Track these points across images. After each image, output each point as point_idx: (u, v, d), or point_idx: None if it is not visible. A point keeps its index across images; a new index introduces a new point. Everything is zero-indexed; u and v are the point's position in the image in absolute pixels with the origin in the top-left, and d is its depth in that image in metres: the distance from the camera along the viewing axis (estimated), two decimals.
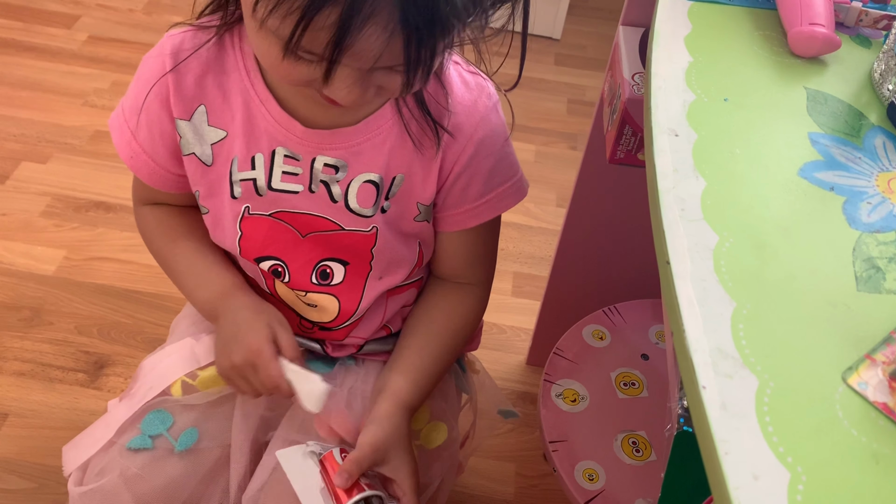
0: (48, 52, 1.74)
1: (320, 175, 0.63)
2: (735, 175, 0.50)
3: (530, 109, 1.82)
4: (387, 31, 0.46)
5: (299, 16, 0.46)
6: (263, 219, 0.65)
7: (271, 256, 0.67)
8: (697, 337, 0.40)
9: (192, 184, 0.67)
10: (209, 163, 0.65)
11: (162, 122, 0.64)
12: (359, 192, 0.64)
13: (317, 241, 0.66)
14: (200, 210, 0.69)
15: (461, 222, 0.69)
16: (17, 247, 1.33)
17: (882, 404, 0.38)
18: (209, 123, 0.63)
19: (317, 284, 0.68)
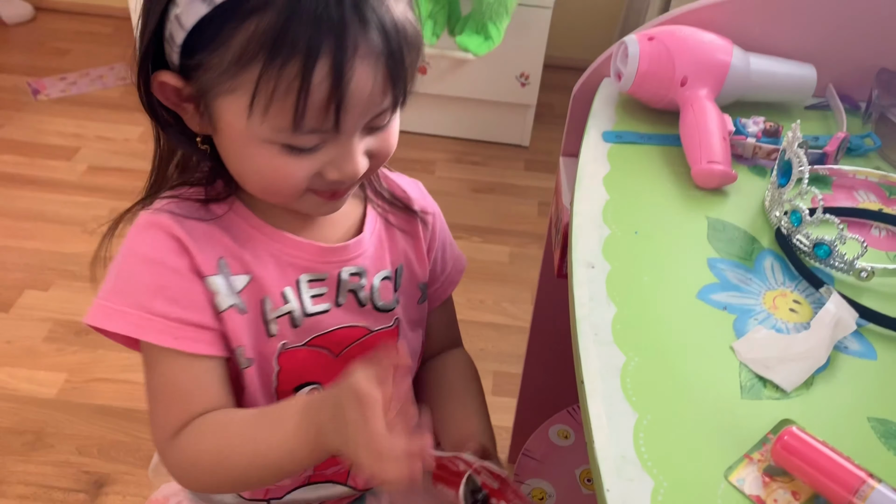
0: (50, 184, 1.86)
1: (348, 285, 0.68)
2: (642, 301, 0.59)
3: (503, 213, 1.93)
4: (372, 57, 0.54)
5: (298, 85, 0.51)
6: (299, 350, 0.67)
7: (309, 383, 0.69)
8: (604, 446, 0.48)
9: (234, 340, 0.64)
10: (245, 311, 0.64)
11: (193, 287, 0.62)
12: (381, 290, 0.70)
13: (349, 356, 0.70)
14: (241, 366, 0.65)
15: (441, 294, 0.79)
16: (21, 372, 1.40)
17: (756, 497, 0.46)
18: (232, 273, 0.63)
19: None
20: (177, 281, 0.61)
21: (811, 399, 0.53)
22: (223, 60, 0.53)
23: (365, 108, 0.56)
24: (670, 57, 0.76)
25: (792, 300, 0.60)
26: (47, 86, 2.20)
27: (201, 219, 0.64)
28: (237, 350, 0.65)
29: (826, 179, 0.74)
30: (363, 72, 0.54)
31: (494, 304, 1.67)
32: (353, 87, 0.53)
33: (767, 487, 0.47)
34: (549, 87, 2.28)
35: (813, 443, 0.46)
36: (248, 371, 0.65)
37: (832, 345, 0.55)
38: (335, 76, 0.52)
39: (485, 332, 1.60)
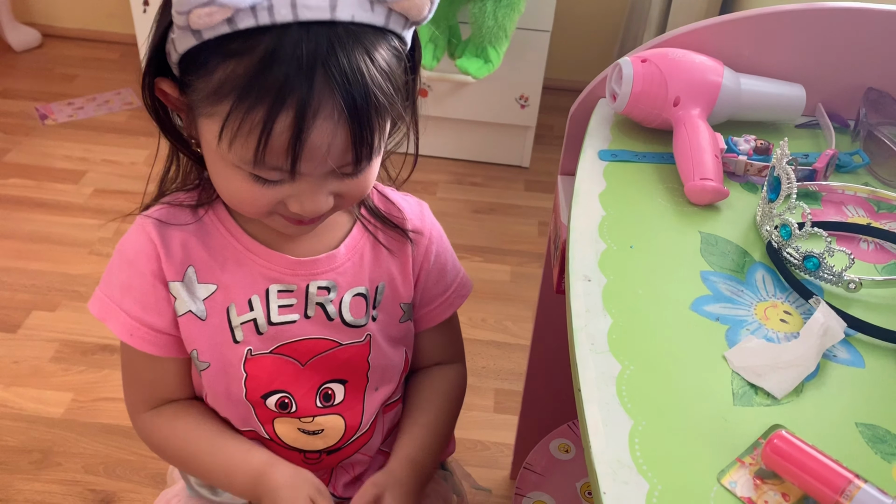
0: (57, 207, 1.88)
1: (316, 298, 0.72)
2: (637, 312, 0.61)
3: (504, 233, 1.95)
4: (332, 117, 0.56)
5: (260, 130, 0.55)
6: (266, 357, 0.72)
7: (277, 390, 0.73)
8: (601, 451, 0.50)
9: (189, 343, 0.71)
10: (204, 317, 0.71)
11: (156, 290, 0.70)
12: (351, 306, 0.73)
13: (316, 365, 0.73)
14: (198, 369, 0.72)
15: (438, 316, 0.81)
16: (28, 392, 1.42)
17: (747, 499, 0.48)
18: (199, 281, 0.70)
19: (321, 407, 0.74)
20: (142, 283, 0.70)
21: (801, 405, 0.54)
22: (206, 87, 0.58)
23: (323, 161, 0.59)
24: (663, 78, 0.78)
25: (783, 311, 0.62)
26: (55, 111, 2.24)
27: (184, 225, 0.70)
28: (192, 353, 0.72)
29: (816, 195, 0.77)
30: (322, 131, 0.57)
31: (496, 322, 1.69)
32: (310, 143, 0.57)
33: (758, 490, 0.48)
34: (548, 109, 2.32)
35: (801, 446, 0.48)
36: (206, 373, 0.72)
37: (821, 353, 0.57)
38: (294, 130, 0.56)
39: (486, 350, 1.61)
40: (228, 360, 0.72)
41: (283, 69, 0.54)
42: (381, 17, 0.57)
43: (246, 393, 0.73)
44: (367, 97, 0.57)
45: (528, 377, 1.21)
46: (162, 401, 0.76)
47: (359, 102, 0.57)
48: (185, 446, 0.74)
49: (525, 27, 1.91)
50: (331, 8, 0.55)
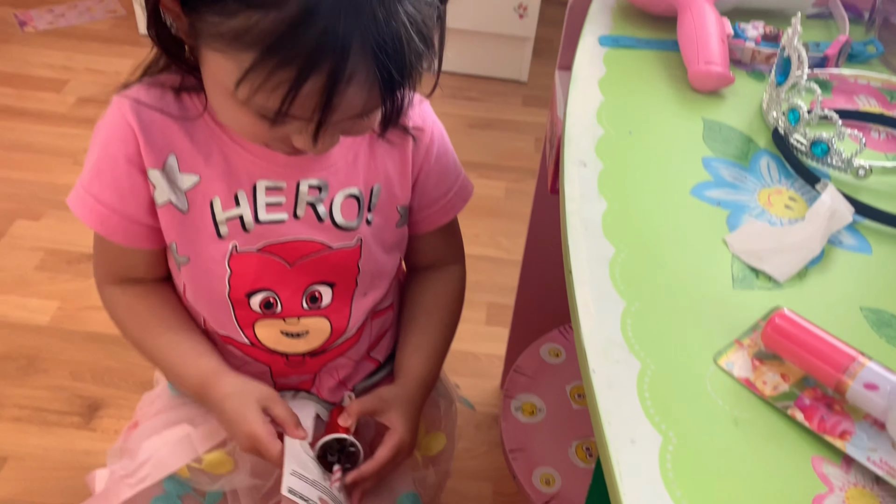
0: (40, 116, 1.83)
1: (306, 197, 0.68)
2: (634, 197, 0.58)
3: (500, 149, 1.91)
4: (366, 85, 0.53)
5: (287, 89, 0.50)
6: (252, 255, 0.68)
7: (262, 289, 0.69)
8: (591, 330, 0.47)
9: (168, 236, 0.67)
10: (185, 209, 0.66)
11: (131, 176, 0.65)
12: (343, 207, 0.69)
13: (305, 267, 0.70)
14: (177, 262, 0.69)
15: (438, 219, 0.77)
16: (14, 300, 1.40)
17: (745, 379, 0.46)
18: (181, 170, 0.65)
19: (307, 309, 0.71)
20: (115, 169, 0.64)
21: (804, 289, 0.52)
22: (222, 27, 0.52)
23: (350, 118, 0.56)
24: None
25: (788, 197, 0.59)
26: (34, 18, 2.15)
27: (165, 111, 0.65)
28: (171, 246, 0.68)
29: (826, 84, 0.73)
30: (353, 97, 0.53)
31: (490, 238, 1.66)
32: (339, 109, 0.53)
33: (757, 371, 0.46)
34: (547, 22, 2.23)
35: (804, 324, 0.45)
36: (186, 268, 0.69)
37: (827, 236, 0.54)
38: (325, 96, 0.51)
39: (479, 265, 1.59)
40: (210, 255, 0.68)
41: (318, 31, 0.49)
42: None
43: (229, 291, 0.69)
44: (403, 67, 0.53)
45: (520, 289, 1.19)
46: (129, 280, 0.72)
47: (395, 72, 0.52)
48: (143, 334, 0.72)
49: None
50: None
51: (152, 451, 0.71)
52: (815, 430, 0.43)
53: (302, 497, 0.64)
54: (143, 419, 0.78)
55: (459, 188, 0.78)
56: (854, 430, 0.43)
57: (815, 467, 0.41)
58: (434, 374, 0.77)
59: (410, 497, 0.74)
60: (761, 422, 0.43)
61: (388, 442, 0.70)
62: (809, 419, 0.43)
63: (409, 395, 0.73)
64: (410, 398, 0.73)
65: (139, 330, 0.73)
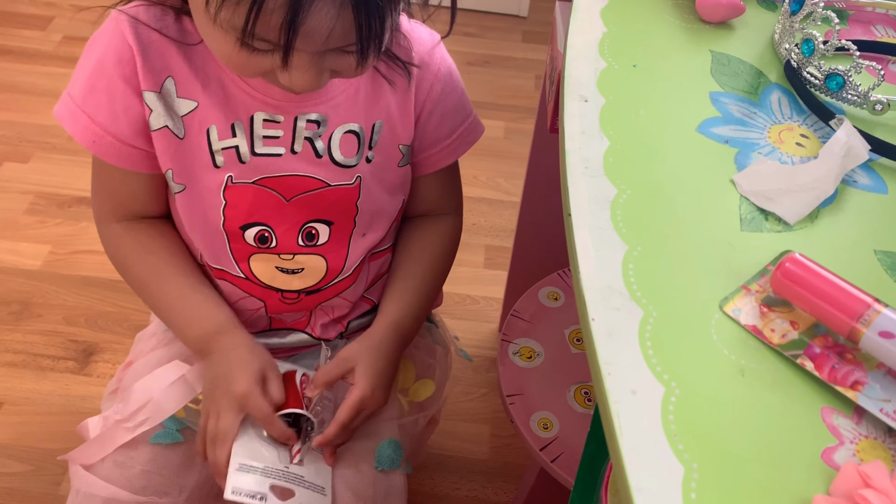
0: (24, 55, 1.77)
1: (304, 133, 0.65)
2: (637, 134, 0.55)
3: (499, 87, 1.86)
4: (335, 5, 0.50)
5: (250, 2, 0.49)
6: (247, 187, 0.66)
7: (257, 223, 0.68)
8: (590, 276, 0.45)
9: (163, 162, 0.66)
10: (181, 135, 0.64)
11: (126, 97, 0.63)
12: (341, 144, 0.67)
13: (301, 203, 0.68)
14: (173, 190, 0.68)
15: (438, 162, 0.74)
16: (4, 244, 1.37)
17: (752, 327, 0.43)
18: (178, 95, 0.63)
19: (303, 246, 0.70)
20: (110, 87, 0.62)
21: (815, 232, 0.49)
22: None
23: (321, 45, 0.52)
24: None
25: (799, 134, 0.56)
26: None
27: (164, 32, 0.62)
28: (167, 173, 0.66)
29: (843, 13, 0.69)
30: (321, 15, 0.49)
31: (488, 179, 1.63)
32: (306, 27, 0.50)
33: (765, 318, 0.44)
34: None
35: (816, 269, 0.43)
36: (181, 196, 0.67)
37: (841, 175, 0.51)
38: (289, 13, 0.49)
39: (478, 207, 1.56)
40: (206, 184, 0.66)
41: None
42: None
43: (224, 221, 0.67)
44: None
45: (518, 229, 1.16)
46: (132, 215, 0.70)
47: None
48: (150, 277, 0.70)
49: None
50: None
51: (149, 394, 0.70)
52: (825, 379, 0.41)
53: (249, 494, 0.63)
54: (137, 358, 0.77)
55: (464, 131, 0.75)
56: (867, 379, 0.40)
57: (824, 418, 0.40)
58: (412, 322, 0.74)
59: (392, 444, 0.73)
60: (769, 371, 0.41)
61: (348, 400, 0.68)
62: (819, 368, 0.41)
63: (373, 344, 0.71)
64: (375, 348, 0.70)
65: (148, 271, 0.70)
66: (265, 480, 0.64)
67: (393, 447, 0.72)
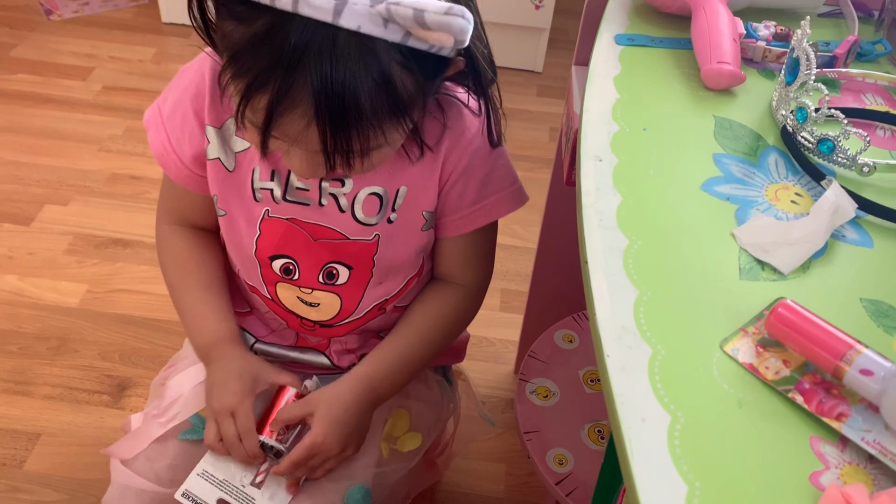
0: (66, 103, 1.87)
1: (329, 189, 0.72)
2: (647, 191, 0.61)
3: (515, 138, 1.93)
4: (304, 119, 0.56)
5: (241, 96, 0.57)
6: (281, 221, 0.73)
7: (284, 255, 0.75)
8: (605, 318, 0.51)
9: (212, 188, 0.74)
10: (231, 168, 0.73)
11: (193, 126, 0.72)
12: (364, 204, 0.72)
13: (325, 245, 0.74)
14: (217, 213, 0.76)
15: (457, 228, 0.76)
16: (44, 283, 1.44)
17: (749, 364, 0.49)
18: (236, 134, 0.72)
19: (322, 283, 0.76)
20: (185, 113, 0.72)
21: (807, 281, 0.55)
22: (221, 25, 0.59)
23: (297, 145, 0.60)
24: None
25: (794, 193, 0.62)
26: (60, 6, 2.19)
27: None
28: (213, 197, 0.75)
29: (835, 83, 0.75)
30: (293, 126, 0.57)
31: (504, 226, 1.66)
32: (282, 133, 0.58)
33: (760, 357, 0.49)
34: (563, 12, 2.25)
35: (805, 313, 0.49)
36: (223, 220, 0.77)
37: (830, 230, 0.57)
38: (266, 116, 0.56)
39: None
40: (245, 214, 0.75)
41: (268, 54, 0.54)
42: (396, 34, 0.55)
43: (255, 250, 0.76)
44: (345, 110, 0.55)
45: (534, 274, 1.22)
46: (184, 221, 0.81)
47: (334, 113, 0.55)
48: (179, 280, 0.80)
49: None
50: (334, 13, 0.53)
51: (180, 391, 0.78)
52: (813, 411, 0.46)
53: (195, 501, 0.70)
54: (179, 360, 0.85)
55: (493, 203, 0.77)
56: (850, 412, 0.46)
57: (812, 446, 0.45)
58: (385, 380, 0.76)
59: (361, 490, 0.76)
60: (763, 404, 0.47)
61: (304, 441, 0.72)
62: (808, 402, 0.46)
63: (337, 394, 0.74)
64: (338, 397, 0.74)
65: (177, 276, 0.80)
66: (216, 493, 0.70)
67: (362, 493, 0.75)
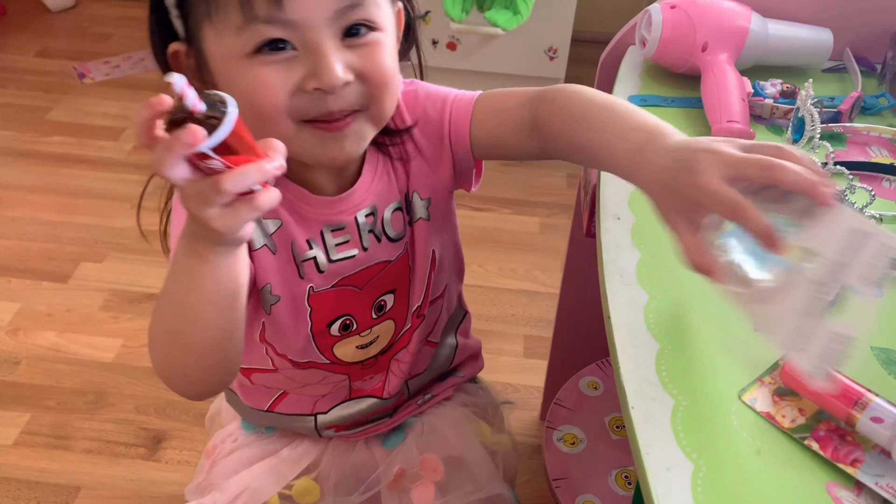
0: (100, 163, 1.94)
1: (366, 227, 0.72)
2: (664, 248, 0.64)
3: (533, 185, 1.98)
4: None
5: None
6: (327, 292, 0.73)
7: (339, 316, 0.75)
8: (629, 371, 0.54)
9: (262, 278, 0.71)
10: (275, 251, 0.71)
11: None
12: (392, 221, 0.73)
13: (372, 286, 0.76)
14: (268, 303, 0.72)
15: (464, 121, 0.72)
16: (81, 338, 1.49)
17: (766, 413, 0.52)
18: (264, 217, 0.69)
19: (376, 318, 0.77)
20: None
21: None
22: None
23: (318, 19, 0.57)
24: (692, 24, 0.80)
25: None
26: (92, 70, 2.29)
27: None
28: (264, 288, 0.71)
29: (840, 137, 0.79)
30: None
31: (525, 272, 1.73)
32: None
33: (777, 406, 0.52)
34: (577, 61, 2.31)
35: None
36: (277, 307, 0.72)
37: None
38: None
39: (516, 299, 1.65)
40: (296, 293, 0.74)
41: None
42: None
43: (311, 325, 0.75)
44: None
45: (558, 322, 1.25)
46: None
47: None
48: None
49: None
50: None
51: (244, 484, 0.77)
52: (829, 458, 0.49)
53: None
54: (221, 456, 0.85)
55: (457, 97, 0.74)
56: (864, 458, 0.48)
57: (829, 491, 0.47)
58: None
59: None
60: (781, 451, 0.49)
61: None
62: (824, 449, 0.49)
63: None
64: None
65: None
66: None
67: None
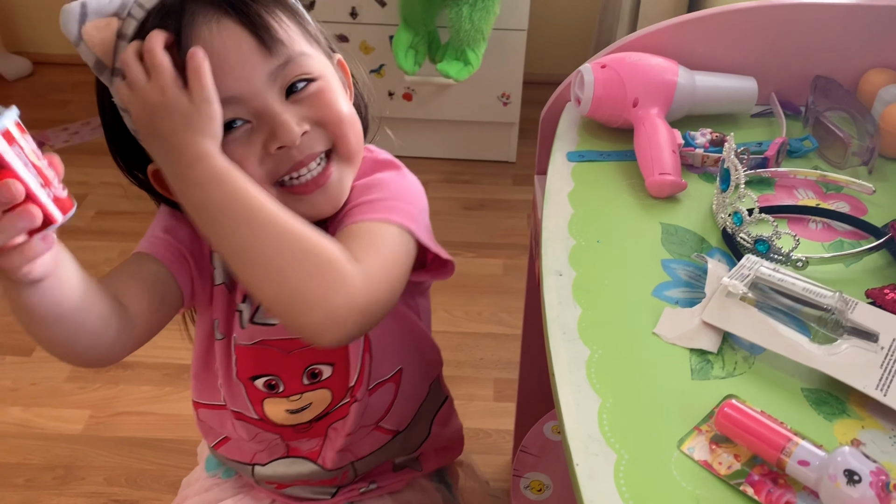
0: (62, 231, 1.93)
1: None
2: (604, 302, 0.67)
3: (494, 227, 2.02)
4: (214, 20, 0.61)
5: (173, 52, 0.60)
6: (250, 347, 0.75)
7: (263, 374, 0.76)
8: (573, 428, 0.56)
9: (215, 313, 0.74)
10: (231, 291, 0.74)
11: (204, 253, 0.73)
12: None
13: (301, 354, 0.76)
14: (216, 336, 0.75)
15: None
16: (48, 412, 1.48)
17: (704, 462, 0.54)
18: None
19: (308, 384, 0.77)
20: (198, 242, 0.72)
21: (753, 377, 0.60)
22: None
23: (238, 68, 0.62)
24: (622, 81, 0.84)
25: None
26: (51, 137, 2.30)
27: None
28: (214, 321, 0.75)
29: (769, 181, 0.83)
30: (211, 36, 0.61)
31: (491, 315, 1.76)
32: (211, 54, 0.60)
33: (714, 453, 0.54)
34: (530, 103, 2.36)
35: (748, 411, 0.54)
36: (219, 344, 0.76)
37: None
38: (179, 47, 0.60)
39: (484, 342, 1.68)
40: (229, 338, 0.76)
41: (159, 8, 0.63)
42: None
43: (236, 372, 0.77)
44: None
45: (522, 364, 1.27)
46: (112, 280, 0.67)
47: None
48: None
49: (502, 27, 1.97)
50: None
51: None
52: (762, 502, 0.51)
53: None
54: (184, 500, 0.87)
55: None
56: (795, 499, 0.51)
57: None
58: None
59: None
60: (719, 498, 0.52)
61: None
62: (759, 493, 0.51)
63: None
64: None
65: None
66: None
67: None
